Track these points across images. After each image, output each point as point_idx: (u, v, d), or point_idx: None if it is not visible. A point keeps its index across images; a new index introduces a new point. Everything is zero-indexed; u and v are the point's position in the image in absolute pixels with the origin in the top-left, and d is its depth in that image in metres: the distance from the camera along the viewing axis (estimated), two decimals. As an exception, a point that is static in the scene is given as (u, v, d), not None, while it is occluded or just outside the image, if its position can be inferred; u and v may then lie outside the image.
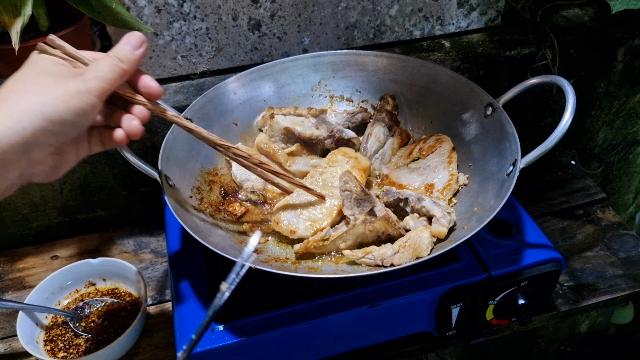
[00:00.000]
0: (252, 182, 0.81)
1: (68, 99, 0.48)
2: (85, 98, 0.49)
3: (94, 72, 0.51)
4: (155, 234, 1.01)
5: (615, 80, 1.18)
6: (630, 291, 0.88)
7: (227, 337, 0.66)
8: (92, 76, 0.51)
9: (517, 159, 0.68)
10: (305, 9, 0.96)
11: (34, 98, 0.48)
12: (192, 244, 0.73)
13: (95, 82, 0.50)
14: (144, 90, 0.56)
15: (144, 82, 0.56)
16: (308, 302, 0.69)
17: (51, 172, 0.53)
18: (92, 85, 0.50)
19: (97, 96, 0.51)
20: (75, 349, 0.79)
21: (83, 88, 0.50)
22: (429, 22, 1.05)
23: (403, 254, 0.67)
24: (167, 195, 0.69)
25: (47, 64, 0.51)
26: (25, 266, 0.96)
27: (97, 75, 0.51)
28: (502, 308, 0.76)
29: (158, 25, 0.90)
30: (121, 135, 0.55)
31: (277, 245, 0.75)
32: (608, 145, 1.33)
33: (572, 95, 0.66)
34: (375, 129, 0.85)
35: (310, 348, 0.72)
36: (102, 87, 0.51)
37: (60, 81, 0.49)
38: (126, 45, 0.53)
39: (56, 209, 0.98)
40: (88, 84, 0.50)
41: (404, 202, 0.74)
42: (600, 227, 1.00)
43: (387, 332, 0.76)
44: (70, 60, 0.53)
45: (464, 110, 0.82)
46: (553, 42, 1.06)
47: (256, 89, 0.89)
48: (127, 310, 0.84)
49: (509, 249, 0.75)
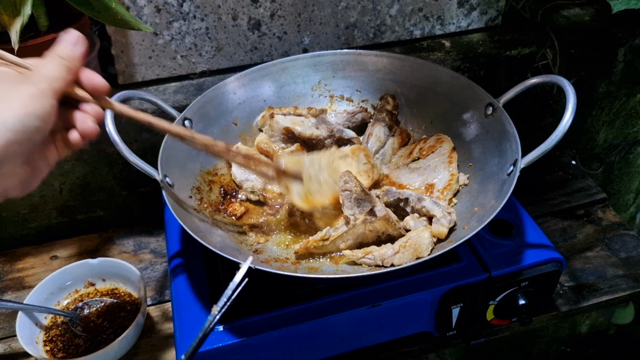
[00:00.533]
0: (252, 182, 0.81)
1: (25, 104, 0.47)
2: (41, 100, 0.48)
3: (41, 73, 0.50)
4: (155, 234, 1.01)
5: (615, 80, 1.18)
6: (631, 291, 0.88)
7: (227, 337, 0.66)
8: (41, 77, 0.50)
9: (517, 158, 0.68)
10: (305, 8, 0.96)
11: None
12: (192, 244, 0.73)
13: (46, 83, 0.49)
14: (89, 86, 0.55)
15: (88, 78, 0.54)
16: (308, 303, 0.69)
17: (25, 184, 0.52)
18: (44, 87, 0.49)
19: (51, 97, 0.50)
20: (75, 349, 0.79)
21: (36, 91, 0.48)
22: (429, 22, 1.05)
23: (403, 254, 0.67)
24: (167, 195, 0.69)
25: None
26: (25, 266, 0.96)
27: (45, 75, 0.50)
28: (503, 308, 0.76)
29: (158, 24, 0.90)
30: (76, 137, 0.54)
31: (277, 245, 0.75)
32: (609, 145, 1.33)
33: (573, 95, 0.66)
34: (375, 129, 0.85)
35: (310, 348, 0.72)
36: (53, 87, 0.50)
37: (13, 88, 0.48)
38: (64, 43, 0.52)
39: (56, 209, 0.98)
40: (39, 86, 0.49)
41: (404, 202, 0.74)
42: (601, 227, 0.99)
43: (387, 333, 0.76)
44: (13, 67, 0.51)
45: (464, 110, 0.82)
46: (553, 41, 1.05)
47: (256, 88, 0.89)
48: (126, 311, 0.84)
49: (510, 249, 0.75)
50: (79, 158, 0.93)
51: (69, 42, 0.53)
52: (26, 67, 0.51)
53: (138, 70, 0.94)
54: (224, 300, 0.55)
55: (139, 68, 0.93)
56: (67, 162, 0.92)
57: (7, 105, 0.47)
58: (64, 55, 0.52)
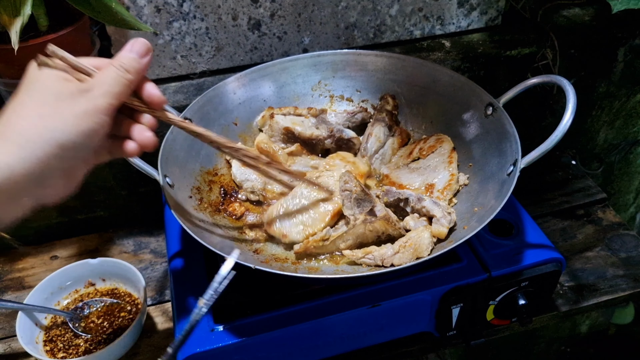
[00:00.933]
0: (252, 182, 0.81)
1: (78, 122, 0.47)
2: (94, 118, 0.48)
3: (101, 88, 0.49)
4: (155, 234, 1.01)
5: (615, 80, 1.18)
6: (631, 291, 0.88)
7: (227, 338, 0.66)
8: (100, 93, 0.48)
9: (517, 158, 0.68)
10: (305, 8, 0.96)
11: (43, 124, 0.46)
12: (192, 244, 0.73)
13: (104, 99, 0.48)
14: (147, 98, 0.54)
15: (148, 91, 0.53)
16: (308, 303, 0.69)
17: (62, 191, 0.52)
18: (100, 103, 0.48)
19: (106, 114, 0.49)
20: (75, 350, 0.79)
21: (91, 107, 0.48)
22: (429, 22, 1.05)
23: (403, 254, 0.67)
24: (167, 195, 0.69)
25: (49, 81, 0.48)
26: (25, 266, 0.96)
27: (104, 91, 0.48)
28: (503, 308, 0.76)
29: (158, 24, 0.90)
30: (133, 147, 0.54)
31: (277, 245, 0.75)
32: (609, 145, 1.33)
33: (573, 95, 0.66)
34: (375, 129, 0.85)
35: (310, 348, 0.72)
36: (110, 104, 0.49)
37: (67, 101, 0.47)
38: (131, 53, 0.51)
39: (56, 209, 0.98)
40: (96, 102, 0.48)
41: (404, 202, 0.74)
42: (601, 227, 0.99)
43: (387, 333, 0.76)
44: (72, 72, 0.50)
45: (464, 110, 0.82)
46: (553, 41, 1.05)
47: (256, 88, 0.89)
48: (126, 311, 0.84)
49: (510, 249, 0.75)
50: (79, 158, 0.92)
51: (135, 52, 0.51)
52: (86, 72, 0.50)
53: (138, 70, 0.93)
54: (210, 293, 0.55)
55: (139, 68, 0.93)
56: (67, 162, 0.92)
57: (60, 121, 0.46)
58: (127, 67, 0.50)
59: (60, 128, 0.46)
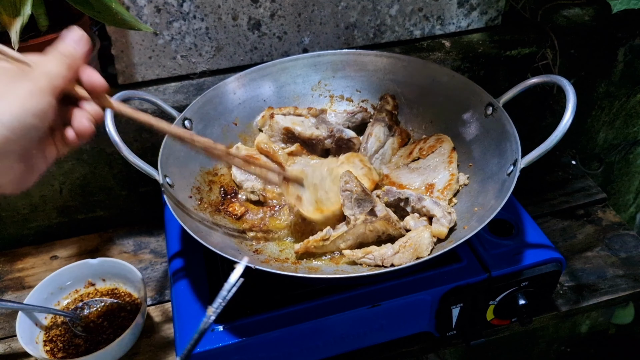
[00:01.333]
0: (252, 182, 0.81)
1: (22, 102, 0.47)
2: (39, 98, 0.48)
3: (41, 70, 0.49)
4: (155, 234, 1.01)
5: (615, 80, 1.18)
6: (631, 291, 0.88)
7: (227, 338, 0.66)
8: (40, 74, 0.49)
9: (517, 158, 0.68)
10: (305, 8, 0.96)
11: None
12: (192, 244, 0.73)
13: (45, 80, 0.49)
14: (88, 84, 0.54)
15: (88, 76, 0.53)
16: (308, 303, 0.69)
17: (21, 180, 0.51)
18: (43, 84, 0.48)
19: (50, 94, 0.49)
20: (75, 349, 0.79)
21: (34, 88, 0.48)
22: (429, 22, 1.05)
23: (403, 254, 0.67)
24: (167, 196, 0.69)
25: None
26: (25, 266, 0.96)
27: (45, 73, 0.49)
28: (503, 308, 0.76)
29: (158, 24, 0.90)
30: (71, 135, 0.54)
31: (277, 245, 0.75)
32: (608, 145, 1.33)
33: (573, 95, 0.66)
34: (375, 129, 0.85)
35: (310, 348, 0.72)
36: (52, 85, 0.49)
37: (10, 84, 0.47)
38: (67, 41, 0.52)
39: (56, 209, 0.98)
40: (38, 83, 0.48)
41: (405, 202, 0.74)
42: (601, 227, 0.99)
43: (387, 333, 0.76)
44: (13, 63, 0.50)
45: (464, 110, 0.82)
46: (553, 41, 1.05)
47: (256, 88, 0.89)
48: (126, 311, 0.84)
49: (510, 249, 0.75)
50: (79, 158, 0.93)
51: (71, 40, 0.52)
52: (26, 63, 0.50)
53: (138, 70, 0.94)
54: (219, 301, 0.55)
55: (139, 68, 0.93)
56: (67, 162, 0.92)
57: (5, 102, 0.46)
58: (65, 53, 0.51)
59: (6, 109, 0.46)
